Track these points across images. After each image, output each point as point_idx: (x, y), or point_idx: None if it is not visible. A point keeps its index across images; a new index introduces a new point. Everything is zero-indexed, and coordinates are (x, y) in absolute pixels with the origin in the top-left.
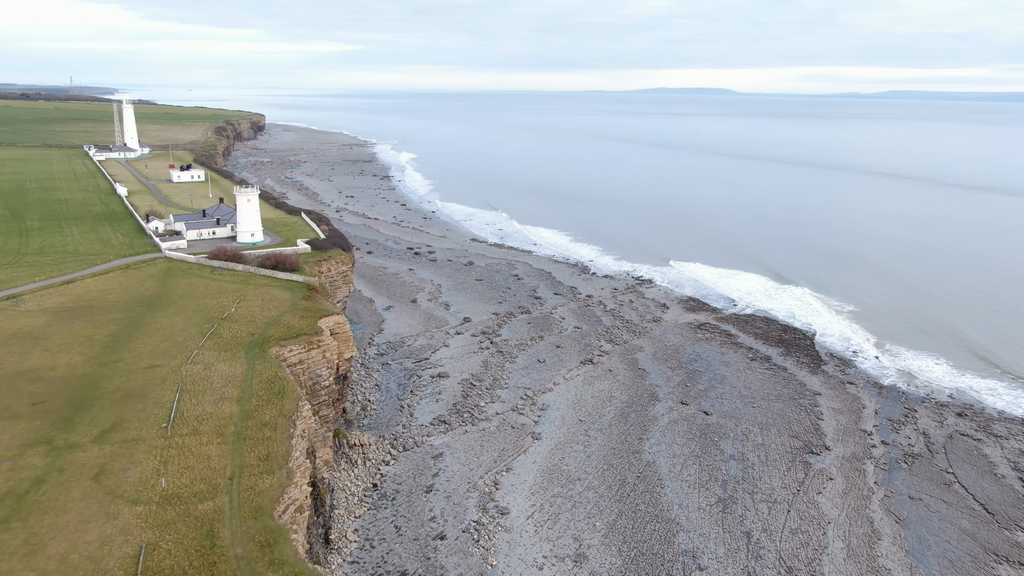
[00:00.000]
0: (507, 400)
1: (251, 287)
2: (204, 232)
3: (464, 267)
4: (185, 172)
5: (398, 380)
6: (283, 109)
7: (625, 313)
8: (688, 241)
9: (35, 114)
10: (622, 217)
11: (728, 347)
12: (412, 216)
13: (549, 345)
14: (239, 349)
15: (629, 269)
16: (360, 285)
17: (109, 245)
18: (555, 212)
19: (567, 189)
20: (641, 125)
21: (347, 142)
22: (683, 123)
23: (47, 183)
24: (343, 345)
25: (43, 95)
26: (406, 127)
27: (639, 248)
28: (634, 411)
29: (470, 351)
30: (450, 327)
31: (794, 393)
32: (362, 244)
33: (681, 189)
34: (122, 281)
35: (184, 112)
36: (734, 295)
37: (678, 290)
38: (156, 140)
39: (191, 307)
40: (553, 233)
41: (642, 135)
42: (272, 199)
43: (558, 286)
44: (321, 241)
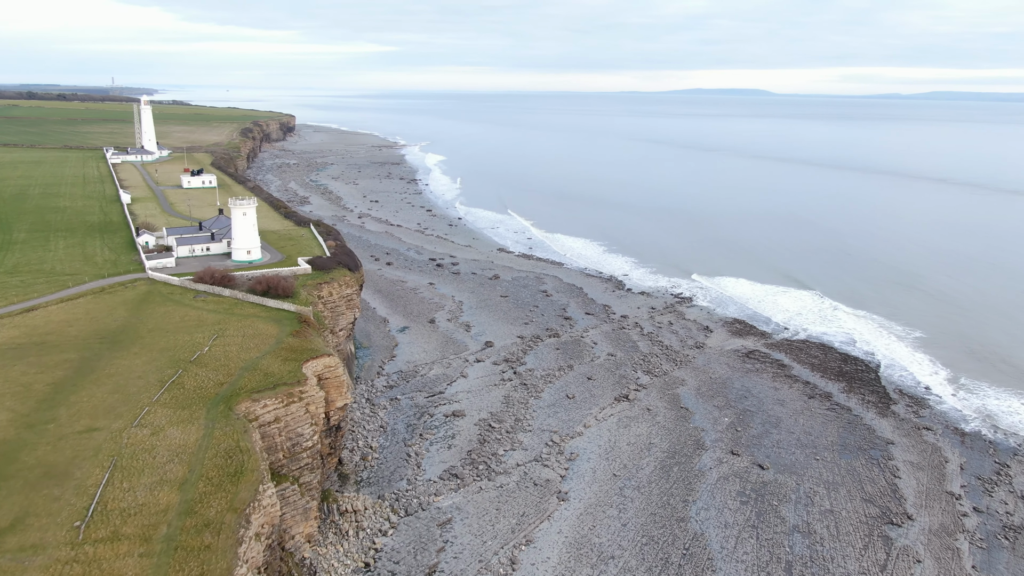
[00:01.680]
0: (530, 447)
1: (234, 318)
2: (197, 248)
3: (489, 281)
4: (196, 177)
5: (407, 420)
6: (316, 110)
7: (664, 337)
8: (729, 252)
9: (65, 115)
10: (658, 225)
11: (781, 381)
12: (437, 223)
13: (579, 377)
14: (200, 406)
15: (667, 285)
16: (375, 302)
17: (91, 263)
18: (587, 219)
19: (600, 194)
20: (675, 126)
21: (376, 143)
22: (718, 124)
23: (51, 188)
24: (334, 392)
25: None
26: (437, 128)
27: (677, 260)
28: (677, 463)
29: (490, 383)
30: (470, 353)
31: (863, 442)
32: (382, 254)
33: (718, 194)
34: (90, 309)
35: (214, 113)
36: (783, 316)
37: (721, 310)
38: (180, 142)
39: (159, 345)
40: (585, 243)
41: (677, 137)
42: (283, 208)
43: (590, 304)
44: (324, 260)
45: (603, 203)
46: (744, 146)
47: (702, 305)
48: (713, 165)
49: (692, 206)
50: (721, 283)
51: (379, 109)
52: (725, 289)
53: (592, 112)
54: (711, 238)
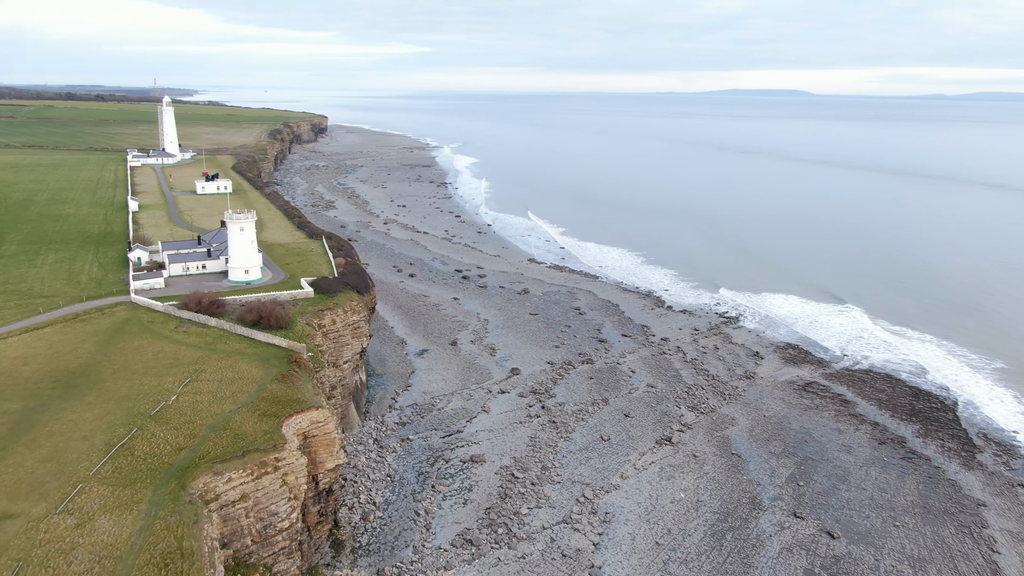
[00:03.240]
0: (558, 503)
1: (215, 355)
2: (192, 265)
3: (518, 296)
4: (210, 183)
5: (418, 466)
6: (350, 110)
7: (710, 365)
8: (774, 265)
9: (97, 116)
10: (698, 233)
11: (846, 421)
12: (465, 230)
13: (615, 413)
14: (147, 482)
15: (710, 302)
16: (394, 320)
17: (74, 282)
18: (623, 227)
19: (637, 199)
20: (713, 128)
21: (408, 145)
22: (757, 126)
23: (60, 194)
24: (324, 452)
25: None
26: (470, 129)
27: (719, 273)
28: (731, 528)
29: (515, 420)
30: (493, 382)
31: (948, 502)
32: (405, 264)
33: (760, 200)
34: (54, 342)
35: (246, 114)
36: (841, 341)
37: (771, 332)
38: (207, 143)
39: (119, 392)
40: (620, 253)
41: (714, 139)
42: (296, 217)
43: (627, 324)
44: (330, 282)
45: (640, 209)
46: (784, 148)
47: (750, 327)
48: (753, 168)
49: (733, 212)
50: (769, 300)
51: (413, 110)
52: (773, 307)
53: (627, 113)
54: (754, 248)
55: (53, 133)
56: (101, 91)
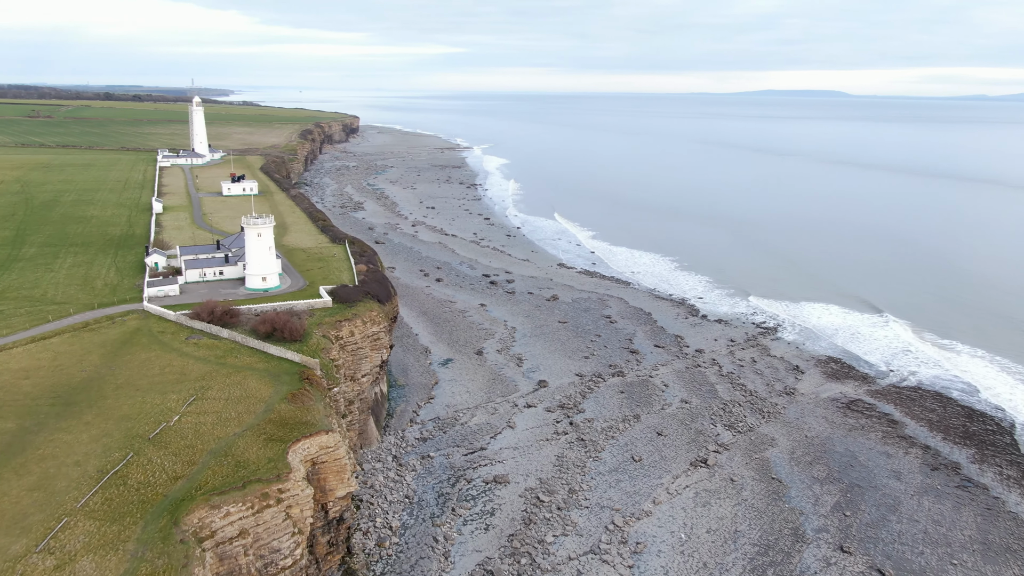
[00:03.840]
0: (586, 531)
1: (224, 371)
2: (209, 272)
3: (546, 303)
4: (236, 184)
5: (438, 488)
6: (382, 111)
7: (747, 379)
8: (813, 272)
9: (132, 115)
10: (732, 239)
11: (894, 443)
12: (494, 233)
13: (647, 431)
14: (137, 516)
15: (747, 311)
16: (419, 327)
17: (89, 288)
18: (655, 231)
19: (669, 202)
20: (747, 129)
21: (439, 145)
22: (792, 127)
23: (87, 195)
24: (333, 479)
25: (154, 96)
26: (501, 130)
27: (756, 281)
28: (772, 563)
29: (542, 437)
30: (520, 395)
31: (1010, 538)
32: (432, 268)
33: (796, 204)
34: (59, 353)
35: (279, 114)
36: (885, 355)
37: (812, 345)
38: (238, 144)
39: (120, 410)
40: (653, 258)
41: (749, 140)
42: (321, 220)
43: (659, 334)
44: (349, 290)
45: (673, 213)
46: (821, 150)
47: (788, 338)
48: (788, 171)
49: (768, 217)
50: (807, 310)
51: (444, 110)
52: (812, 317)
53: (659, 114)
54: (791, 254)
55: (88, 133)
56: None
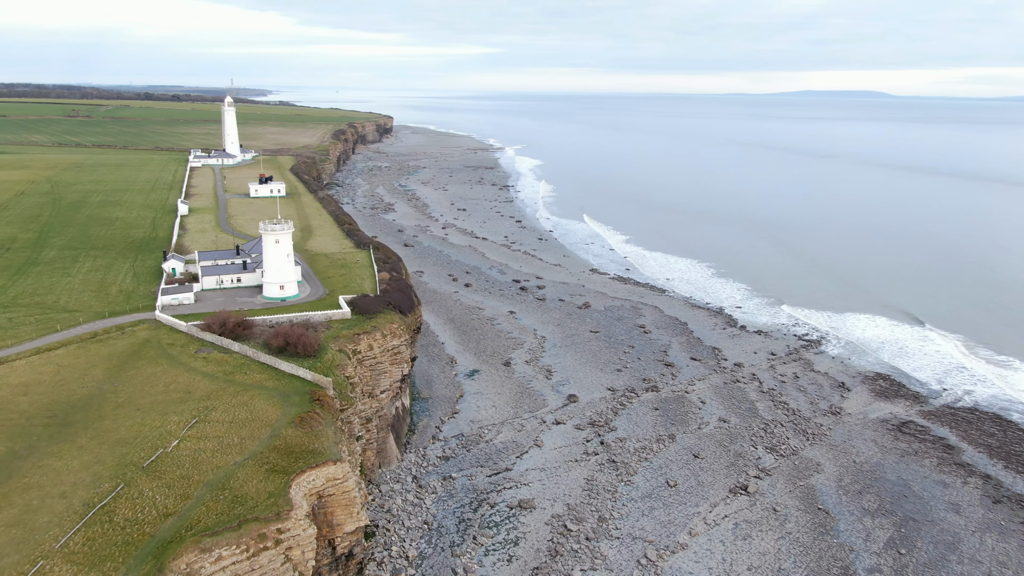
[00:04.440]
0: (616, 565)
1: (232, 388)
2: (226, 279)
3: (578, 311)
4: (264, 186)
5: (460, 512)
6: (416, 111)
7: (789, 396)
8: (858, 281)
9: (169, 115)
10: (772, 244)
11: (951, 472)
12: (526, 236)
13: (683, 452)
14: (119, 561)
15: (787, 322)
16: (445, 335)
17: (103, 294)
18: (691, 235)
19: (706, 206)
20: (786, 130)
21: (472, 146)
22: (833, 128)
23: (115, 196)
24: (342, 513)
25: (192, 96)
26: (535, 130)
27: (797, 290)
28: None
29: (570, 457)
30: (548, 411)
31: None
32: (462, 273)
33: (839, 208)
34: (63, 367)
35: (314, 114)
36: (937, 372)
37: (857, 359)
38: (271, 144)
39: (117, 433)
40: (689, 265)
41: (787, 142)
42: (347, 223)
43: (696, 346)
44: (370, 300)
45: (709, 216)
46: (861, 152)
47: (833, 352)
48: (829, 173)
49: (809, 221)
50: (852, 322)
51: (479, 110)
52: (857, 330)
53: (696, 115)
54: (834, 262)
55: (124, 132)
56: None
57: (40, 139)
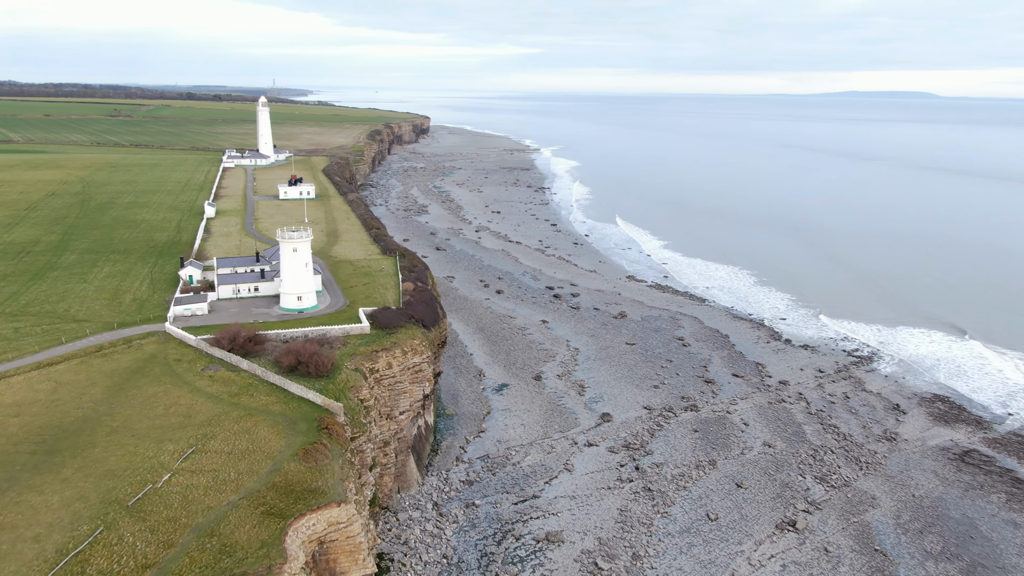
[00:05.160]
0: None
1: (236, 412)
2: (243, 288)
3: (613, 321)
4: (293, 188)
5: (482, 544)
6: (454, 111)
7: (840, 419)
8: (910, 293)
9: (208, 115)
10: (817, 252)
11: (1021, 509)
12: (561, 241)
13: (725, 481)
14: None
15: (834, 335)
16: (474, 345)
17: (116, 302)
18: (733, 242)
19: (748, 211)
20: (829, 132)
21: (509, 147)
22: (878, 130)
23: (144, 197)
24: (345, 561)
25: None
26: (573, 131)
27: (844, 300)
28: None
29: (603, 484)
30: (580, 431)
31: None
32: (494, 279)
33: (889, 215)
34: (63, 383)
35: (351, 114)
36: (1001, 394)
37: (913, 380)
38: (307, 144)
39: (106, 464)
40: (730, 272)
41: (831, 144)
42: (375, 228)
43: (738, 361)
44: (391, 313)
45: (751, 221)
46: (910, 155)
47: (885, 370)
48: (876, 177)
49: (857, 228)
50: (905, 337)
51: (516, 111)
52: (910, 346)
53: (737, 116)
54: (884, 271)
55: (163, 132)
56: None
57: (80, 138)
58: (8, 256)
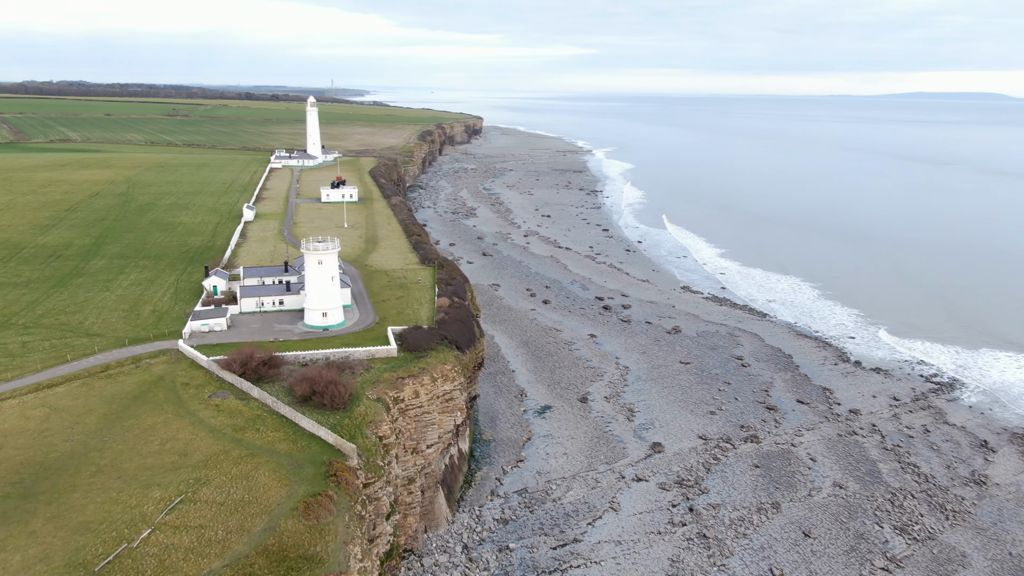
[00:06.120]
0: None
1: (237, 452)
2: (267, 301)
3: (666, 336)
4: (336, 190)
5: None
6: (508, 112)
7: (920, 457)
8: (992, 310)
9: (262, 115)
10: (887, 263)
11: None
12: (612, 247)
13: (790, 528)
14: None
15: (910, 358)
16: (517, 360)
17: (134, 315)
18: (795, 251)
19: (811, 218)
20: (897, 134)
21: (561, 148)
22: (950, 133)
23: (185, 198)
24: None
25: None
26: (628, 132)
27: (919, 317)
28: None
29: (652, 528)
30: (628, 462)
31: None
32: (540, 288)
33: (966, 224)
34: (58, 409)
35: (404, 114)
36: None
37: (1001, 411)
38: (357, 144)
39: (83, 514)
40: (792, 284)
41: (899, 147)
42: (415, 234)
43: (802, 385)
44: (422, 334)
45: (814, 229)
46: (984, 159)
47: (969, 400)
48: (949, 183)
49: (929, 237)
50: (988, 361)
51: (570, 112)
52: (994, 371)
53: (799, 117)
54: (961, 286)
55: (217, 132)
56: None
57: (136, 138)
58: (37, 260)
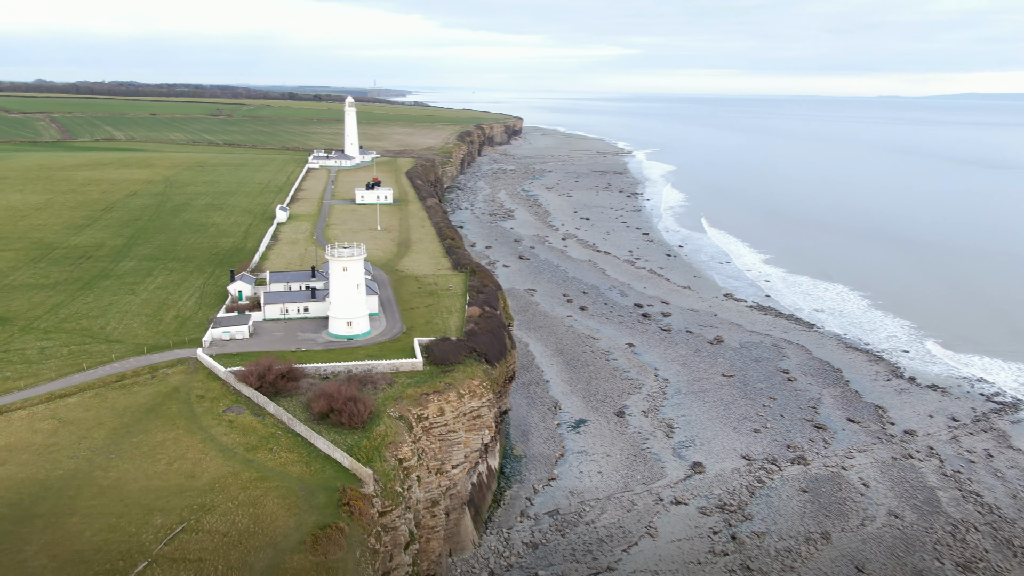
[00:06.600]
0: None
1: (247, 475)
2: (291, 308)
3: (708, 347)
4: (370, 192)
5: None
6: (549, 112)
7: (982, 484)
8: None
9: (303, 115)
10: (941, 272)
11: None
12: (653, 252)
13: (841, 561)
14: None
15: (969, 375)
16: (552, 370)
17: (156, 321)
18: (843, 258)
19: (860, 223)
20: (950, 137)
21: (602, 149)
22: (1006, 135)
23: (220, 199)
24: None
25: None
26: (671, 134)
27: (976, 331)
28: None
29: (692, 557)
30: (667, 483)
31: None
32: (578, 294)
33: (1021, 230)
34: (67, 421)
35: (444, 115)
36: None
37: None
38: (396, 145)
39: (79, 542)
40: (841, 293)
41: (953, 150)
42: (449, 238)
43: (853, 402)
44: (450, 347)
45: (863, 235)
46: None
47: None
48: (1008, 188)
49: (987, 245)
50: None
51: (615, 112)
52: None
53: (847, 119)
54: (1020, 299)
55: (258, 131)
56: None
57: (178, 137)
58: (67, 261)
